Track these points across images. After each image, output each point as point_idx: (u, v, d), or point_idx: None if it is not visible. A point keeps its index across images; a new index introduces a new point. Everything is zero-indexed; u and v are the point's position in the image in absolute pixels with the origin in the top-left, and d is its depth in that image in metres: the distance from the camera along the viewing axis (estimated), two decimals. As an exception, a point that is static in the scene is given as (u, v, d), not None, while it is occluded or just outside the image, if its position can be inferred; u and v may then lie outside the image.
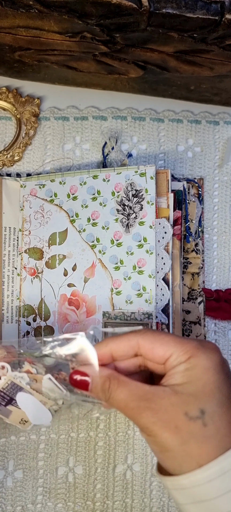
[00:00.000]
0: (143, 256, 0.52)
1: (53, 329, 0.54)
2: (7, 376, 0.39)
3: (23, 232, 0.55)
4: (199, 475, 0.30)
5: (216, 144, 0.60)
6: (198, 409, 0.31)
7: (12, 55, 0.48)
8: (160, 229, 0.53)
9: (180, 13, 0.38)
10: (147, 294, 0.52)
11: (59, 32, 0.42)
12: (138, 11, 0.37)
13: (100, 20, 0.39)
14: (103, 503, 0.56)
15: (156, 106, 0.60)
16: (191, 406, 0.32)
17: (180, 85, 0.53)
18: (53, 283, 0.54)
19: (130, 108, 0.59)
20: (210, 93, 0.54)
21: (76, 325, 0.54)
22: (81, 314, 0.54)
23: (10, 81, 0.58)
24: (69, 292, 0.54)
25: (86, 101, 0.59)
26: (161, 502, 0.56)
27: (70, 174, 0.55)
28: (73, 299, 0.54)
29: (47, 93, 0.59)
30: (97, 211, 0.54)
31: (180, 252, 0.54)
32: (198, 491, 0.31)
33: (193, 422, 0.31)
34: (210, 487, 0.30)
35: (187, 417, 0.31)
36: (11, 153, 0.57)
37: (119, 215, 0.54)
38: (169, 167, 0.59)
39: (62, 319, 0.54)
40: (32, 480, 0.55)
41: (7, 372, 0.39)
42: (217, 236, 0.59)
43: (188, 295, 0.56)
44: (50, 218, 0.55)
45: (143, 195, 0.53)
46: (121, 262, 0.53)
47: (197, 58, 0.45)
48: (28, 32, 0.43)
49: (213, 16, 0.38)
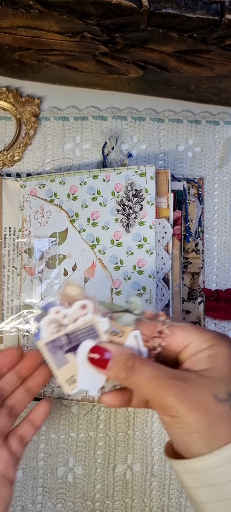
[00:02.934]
0: (143, 256, 0.52)
1: None
2: (87, 318, 0.35)
3: (23, 232, 0.55)
4: (212, 459, 0.31)
5: (216, 144, 0.60)
6: (226, 392, 0.32)
7: (12, 55, 0.48)
8: (160, 229, 0.53)
9: (180, 13, 0.38)
10: (147, 294, 0.52)
11: (59, 32, 0.42)
12: (138, 11, 0.37)
13: (100, 20, 0.39)
14: (103, 503, 0.56)
15: (156, 106, 0.60)
16: (219, 389, 0.32)
17: (180, 85, 0.53)
18: (53, 283, 0.54)
19: (130, 108, 0.59)
20: (210, 93, 0.54)
21: None
22: None
23: (10, 81, 0.58)
24: None
25: (86, 101, 0.59)
26: (161, 502, 0.56)
27: (70, 174, 0.55)
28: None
29: (47, 93, 0.59)
30: (97, 211, 0.54)
31: (180, 252, 0.54)
32: (209, 474, 0.31)
33: (222, 404, 0.32)
34: (222, 471, 0.31)
35: (215, 399, 0.32)
36: (11, 153, 0.57)
37: (119, 215, 0.54)
38: (169, 167, 0.59)
39: None
40: (32, 480, 0.55)
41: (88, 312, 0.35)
42: (217, 236, 0.59)
43: (188, 295, 0.56)
44: (50, 218, 0.55)
45: (143, 195, 0.53)
46: (121, 262, 0.53)
47: (197, 58, 0.45)
48: (28, 32, 0.43)
49: (213, 16, 0.38)
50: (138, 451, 0.56)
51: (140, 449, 0.56)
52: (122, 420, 0.56)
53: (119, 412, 0.56)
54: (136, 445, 0.56)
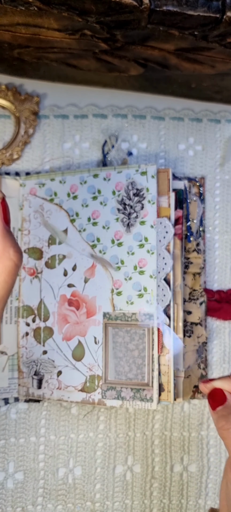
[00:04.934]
0: (144, 256, 0.52)
1: (53, 330, 0.53)
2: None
3: (23, 232, 0.55)
4: None
5: (217, 143, 0.59)
6: None
7: (11, 52, 0.48)
8: (161, 229, 0.52)
9: (181, 10, 0.37)
10: (148, 294, 0.51)
11: (59, 30, 0.42)
12: (138, 9, 0.37)
13: (100, 17, 0.39)
14: (103, 504, 0.55)
15: (157, 104, 0.59)
16: None
17: (180, 83, 0.52)
18: (53, 283, 0.54)
19: (130, 106, 0.59)
20: (211, 91, 0.54)
21: (76, 326, 0.53)
22: (81, 314, 0.53)
23: (9, 79, 0.58)
24: (69, 292, 0.54)
25: (86, 99, 0.59)
26: (161, 504, 0.55)
27: (70, 173, 0.55)
28: (73, 299, 0.53)
29: (47, 91, 0.59)
30: (97, 210, 0.54)
31: (181, 252, 0.54)
32: None
33: None
34: None
35: None
36: (10, 152, 0.57)
37: (119, 215, 0.53)
38: (170, 166, 0.59)
39: (62, 320, 0.53)
40: (33, 482, 0.55)
41: None
42: (219, 235, 0.59)
43: (189, 296, 0.55)
44: (50, 218, 0.55)
45: (144, 194, 0.52)
46: (121, 262, 0.53)
47: (198, 56, 0.45)
48: (27, 29, 0.43)
49: (214, 13, 0.38)
50: (139, 452, 0.56)
51: (140, 451, 0.56)
52: (123, 422, 0.56)
53: (120, 413, 0.56)
54: (136, 447, 0.56)
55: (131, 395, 0.51)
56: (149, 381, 0.50)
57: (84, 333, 0.53)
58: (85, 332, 0.53)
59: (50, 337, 0.54)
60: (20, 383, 0.54)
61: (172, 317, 0.52)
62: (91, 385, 0.52)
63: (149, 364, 0.51)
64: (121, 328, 0.52)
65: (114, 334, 0.52)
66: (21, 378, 0.54)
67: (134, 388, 0.51)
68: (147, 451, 0.56)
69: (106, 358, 0.52)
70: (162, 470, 0.56)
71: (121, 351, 0.52)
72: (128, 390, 0.51)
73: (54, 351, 0.53)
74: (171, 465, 0.56)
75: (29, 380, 0.54)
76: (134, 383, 0.51)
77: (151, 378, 0.50)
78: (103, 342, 0.52)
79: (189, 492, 0.56)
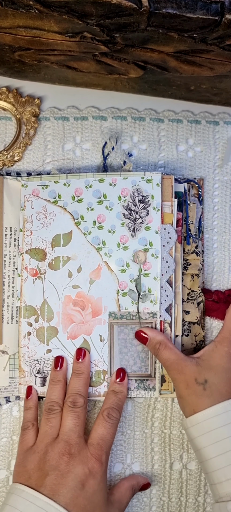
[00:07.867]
0: (149, 259, 0.54)
1: (57, 330, 0.54)
2: None
3: (24, 233, 0.55)
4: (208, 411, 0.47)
5: (216, 144, 0.60)
6: (203, 378, 0.49)
7: (12, 55, 0.48)
8: (165, 234, 0.54)
9: (180, 13, 0.38)
10: (152, 295, 0.53)
11: (59, 32, 0.42)
12: (138, 11, 0.37)
13: (100, 20, 0.39)
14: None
15: (156, 106, 0.60)
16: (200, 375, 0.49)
17: (180, 85, 0.53)
18: (57, 284, 0.54)
19: (130, 108, 0.59)
20: (210, 93, 0.54)
21: (82, 325, 0.54)
22: (86, 314, 0.54)
23: (10, 81, 0.58)
24: (74, 293, 0.54)
25: (86, 101, 0.59)
26: (160, 502, 0.56)
27: (75, 176, 0.55)
28: (78, 300, 0.54)
29: (47, 93, 0.59)
30: (103, 214, 0.55)
31: (181, 254, 0.55)
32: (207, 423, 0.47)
33: (198, 385, 0.49)
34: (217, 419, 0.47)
35: (195, 382, 0.49)
36: (11, 153, 0.58)
37: (125, 220, 0.54)
38: (169, 167, 0.59)
39: (67, 320, 0.54)
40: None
41: None
42: (217, 236, 0.59)
43: (188, 296, 0.56)
44: (54, 220, 0.55)
45: (149, 201, 0.54)
46: (127, 265, 0.54)
47: (197, 58, 0.45)
48: (28, 32, 0.43)
49: (213, 16, 0.38)
50: (138, 450, 0.56)
51: (139, 449, 0.56)
52: (122, 419, 0.56)
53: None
54: (136, 445, 0.56)
55: (135, 386, 0.54)
56: (151, 372, 0.54)
57: (89, 331, 0.54)
58: (90, 331, 0.54)
59: (55, 336, 0.54)
60: (21, 382, 0.54)
61: (173, 315, 0.54)
62: (97, 380, 0.54)
63: (152, 357, 0.54)
64: (126, 326, 0.54)
65: (119, 332, 0.54)
66: (22, 377, 0.54)
67: (138, 379, 0.54)
68: (147, 450, 0.56)
69: (112, 354, 0.54)
70: (162, 468, 0.56)
71: (126, 347, 0.54)
72: (132, 381, 0.54)
73: (58, 350, 0.54)
74: (170, 463, 0.56)
75: (31, 378, 0.54)
76: (138, 375, 0.54)
77: (153, 370, 0.54)
78: (109, 340, 0.54)
79: (188, 490, 0.56)
